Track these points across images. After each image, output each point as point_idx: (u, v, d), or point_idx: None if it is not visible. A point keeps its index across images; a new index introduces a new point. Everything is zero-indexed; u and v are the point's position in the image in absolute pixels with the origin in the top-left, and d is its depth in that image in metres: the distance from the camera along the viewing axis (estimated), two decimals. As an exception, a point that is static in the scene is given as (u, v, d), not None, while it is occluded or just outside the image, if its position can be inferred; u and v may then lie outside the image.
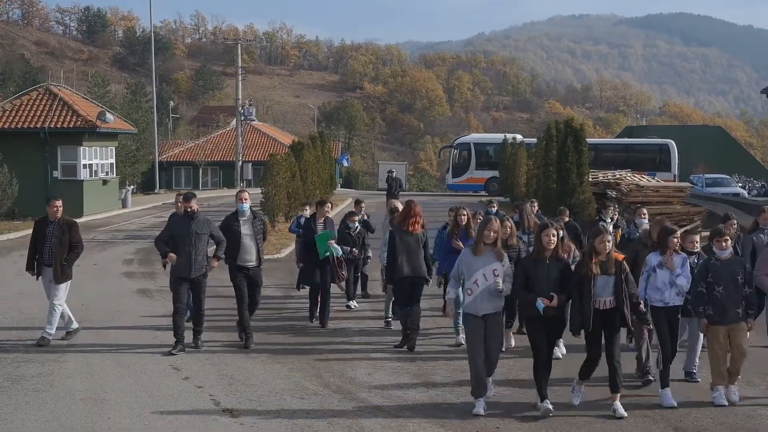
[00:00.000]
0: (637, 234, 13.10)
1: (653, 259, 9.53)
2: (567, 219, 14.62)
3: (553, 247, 8.87)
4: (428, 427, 8.42)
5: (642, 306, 9.02)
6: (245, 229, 11.96)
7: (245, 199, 12.08)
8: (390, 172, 35.96)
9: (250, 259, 12.00)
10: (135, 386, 9.75)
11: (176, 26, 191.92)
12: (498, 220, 9.42)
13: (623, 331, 9.17)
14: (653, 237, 10.18)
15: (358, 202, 16.19)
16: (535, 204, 15.78)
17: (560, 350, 11.13)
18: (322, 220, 13.85)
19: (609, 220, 15.28)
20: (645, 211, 14.28)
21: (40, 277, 12.29)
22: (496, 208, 17.25)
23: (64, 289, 12.18)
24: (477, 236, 9.30)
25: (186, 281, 11.63)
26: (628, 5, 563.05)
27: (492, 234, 9.08)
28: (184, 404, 9.06)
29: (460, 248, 11.29)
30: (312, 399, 9.30)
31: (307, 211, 16.47)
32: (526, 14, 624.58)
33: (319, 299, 13.54)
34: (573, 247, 10.84)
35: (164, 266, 12.81)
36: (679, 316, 9.63)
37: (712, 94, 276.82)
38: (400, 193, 33.18)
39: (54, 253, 11.97)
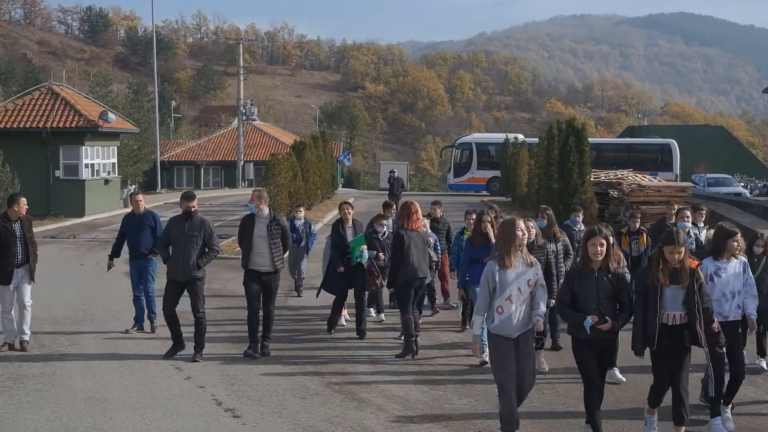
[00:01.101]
0: (691, 239, 12.15)
1: (709, 265, 8.43)
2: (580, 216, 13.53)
3: (602, 258, 7.76)
4: (431, 428, 8.41)
5: (716, 324, 7.81)
6: (259, 230, 11.28)
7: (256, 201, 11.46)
8: (392, 172, 35.84)
9: (263, 263, 11.28)
10: (137, 386, 9.75)
11: (178, 26, 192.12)
12: (523, 220, 8.55)
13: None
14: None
15: (388, 206, 14.68)
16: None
17: (618, 374, 9.92)
18: (350, 224, 13.19)
19: (698, 225, 13.46)
20: (688, 213, 13.13)
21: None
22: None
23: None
24: (507, 243, 7.77)
25: (176, 284, 11.24)
26: (630, 5, 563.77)
27: (522, 236, 7.92)
28: (186, 404, 9.06)
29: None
30: (314, 399, 9.30)
31: (301, 214, 16.18)
32: (528, 14, 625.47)
33: (343, 308, 13.17)
34: (622, 256, 9.45)
35: (108, 268, 13.05)
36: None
37: (713, 94, 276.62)
38: (402, 193, 33.05)
39: (29, 251, 11.64)
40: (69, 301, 15.09)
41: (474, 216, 11.75)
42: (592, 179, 26.52)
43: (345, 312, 13.39)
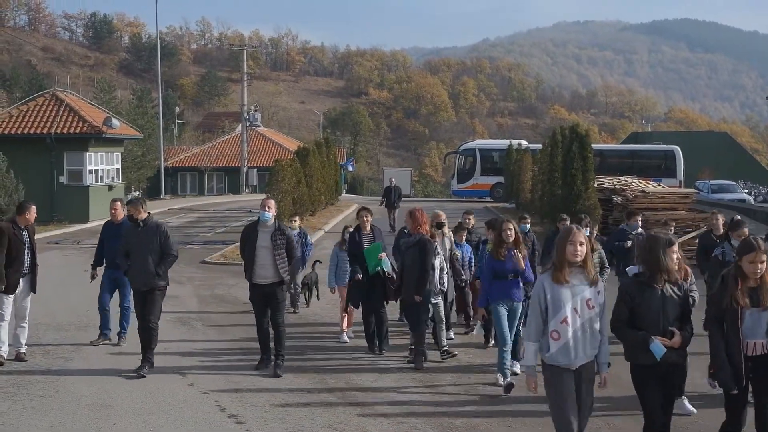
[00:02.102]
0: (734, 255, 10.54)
1: None
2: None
3: (678, 268, 6.79)
4: (434, 434, 8.40)
5: None
6: (262, 240, 10.71)
7: (269, 207, 10.85)
8: (390, 180, 34.44)
9: (266, 275, 10.69)
10: (140, 392, 9.75)
11: (182, 32, 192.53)
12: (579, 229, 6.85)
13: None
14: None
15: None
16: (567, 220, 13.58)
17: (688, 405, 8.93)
18: (368, 230, 12.32)
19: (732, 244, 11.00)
20: (746, 230, 10.69)
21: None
22: (529, 225, 13.72)
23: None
24: (559, 255, 6.49)
25: (140, 294, 10.85)
26: (634, 11, 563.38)
27: (580, 249, 6.46)
28: (190, 410, 9.06)
29: (512, 272, 10.06)
30: (317, 405, 9.29)
31: (296, 223, 15.14)
32: (531, 20, 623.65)
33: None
34: (689, 269, 8.48)
35: (91, 278, 12.59)
36: None
37: (717, 100, 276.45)
38: (400, 203, 31.39)
39: (33, 260, 11.34)
40: (73, 307, 15.11)
41: (500, 224, 10.37)
42: (595, 185, 26.52)
43: (347, 328, 12.81)
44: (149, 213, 11.07)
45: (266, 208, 10.82)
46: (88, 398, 9.48)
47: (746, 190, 48.95)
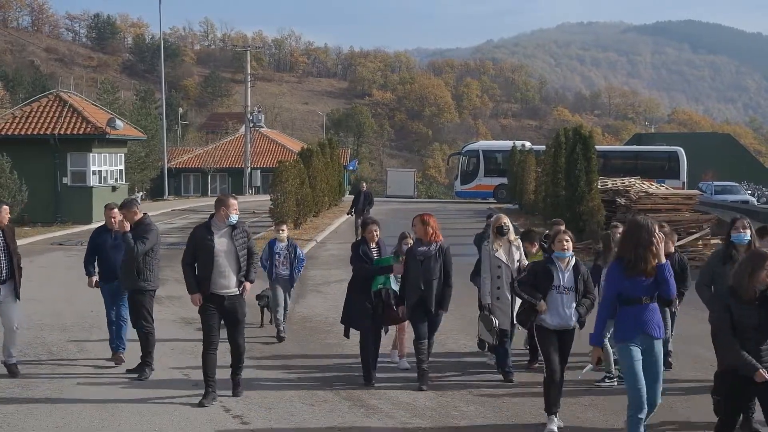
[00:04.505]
0: None
1: None
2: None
3: None
4: (438, 435, 8.41)
5: None
6: (221, 244, 9.19)
7: (236, 210, 9.33)
8: (361, 184, 30.35)
9: (227, 284, 9.22)
10: (144, 392, 9.75)
11: (185, 33, 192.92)
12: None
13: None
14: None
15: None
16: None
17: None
18: (374, 244, 10.69)
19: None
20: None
21: None
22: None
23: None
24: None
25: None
26: (637, 12, 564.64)
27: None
28: (195, 411, 9.06)
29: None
30: (322, 406, 9.29)
31: (284, 234, 13.18)
32: (535, 21, 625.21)
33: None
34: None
35: (96, 285, 11.49)
36: None
37: (721, 102, 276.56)
38: (369, 209, 27.28)
39: (15, 264, 10.38)
40: (78, 308, 15.11)
41: (624, 228, 7.73)
42: (599, 187, 26.52)
43: (401, 351, 11.33)
44: (145, 213, 10.69)
45: (233, 210, 9.28)
46: (93, 399, 9.47)
47: (749, 192, 48.89)
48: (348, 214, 30.24)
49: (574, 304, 8.51)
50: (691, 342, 12.04)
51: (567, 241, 8.56)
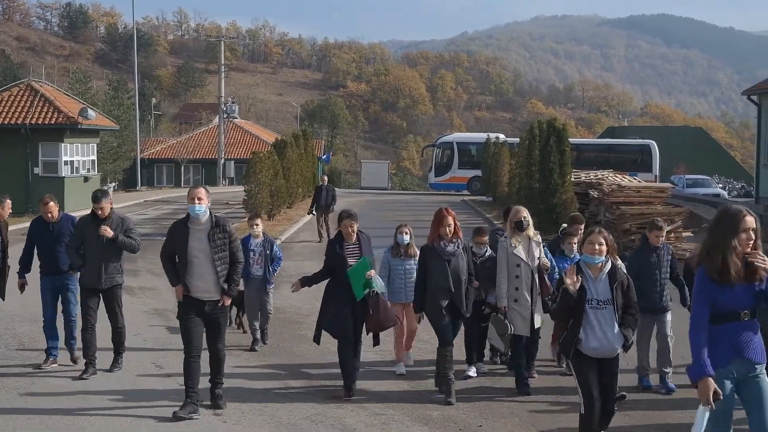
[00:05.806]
0: None
1: None
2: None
3: None
4: (412, 425, 8.42)
5: None
6: (197, 242, 8.44)
7: (199, 199, 8.41)
8: (322, 178, 27.73)
9: (205, 288, 8.48)
10: (117, 386, 9.70)
11: (159, 23, 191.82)
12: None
13: None
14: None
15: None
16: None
17: None
18: (353, 239, 9.39)
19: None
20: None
21: None
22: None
23: None
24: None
25: (96, 293, 9.95)
26: (611, 6, 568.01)
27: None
28: (168, 403, 8.96)
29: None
30: (295, 397, 9.30)
31: (259, 229, 11.85)
32: (510, 14, 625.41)
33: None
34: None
35: (21, 288, 10.50)
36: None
37: (693, 96, 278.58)
38: (333, 207, 24.91)
39: (4, 261, 10.04)
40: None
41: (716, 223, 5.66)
42: (572, 179, 26.64)
43: (405, 353, 10.56)
44: (112, 207, 10.07)
45: (196, 200, 8.41)
46: (66, 393, 9.42)
47: (720, 185, 49.38)
48: (309, 214, 27.83)
49: (616, 323, 7.01)
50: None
51: (601, 244, 7.07)
